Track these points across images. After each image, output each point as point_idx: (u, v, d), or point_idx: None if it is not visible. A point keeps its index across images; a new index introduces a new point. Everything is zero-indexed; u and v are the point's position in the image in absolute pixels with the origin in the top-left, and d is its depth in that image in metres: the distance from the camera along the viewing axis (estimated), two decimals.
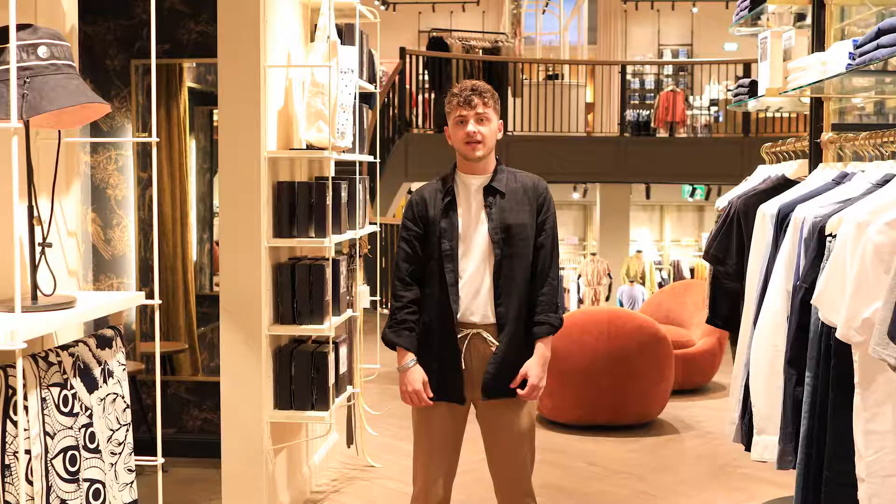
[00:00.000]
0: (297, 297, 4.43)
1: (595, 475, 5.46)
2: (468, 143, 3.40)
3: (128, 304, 2.46)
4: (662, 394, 6.45)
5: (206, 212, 6.54)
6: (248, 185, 4.29)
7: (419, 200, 3.53)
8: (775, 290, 3.06)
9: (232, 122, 4.30)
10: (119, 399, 2.45)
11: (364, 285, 5.35)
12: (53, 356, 2.17)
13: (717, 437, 6.32)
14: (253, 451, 4.36)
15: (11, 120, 1.84)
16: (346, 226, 4.78)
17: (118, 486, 2.43)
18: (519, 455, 3.50)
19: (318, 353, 4.46)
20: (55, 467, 2.14)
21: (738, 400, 3.41)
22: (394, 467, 5.64)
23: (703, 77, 16.45)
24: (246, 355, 4.33)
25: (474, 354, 3.42)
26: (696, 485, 5.33)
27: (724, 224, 3.96)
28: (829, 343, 2.66)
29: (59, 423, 2.16)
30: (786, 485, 5.17)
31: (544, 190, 3.51)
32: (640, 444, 6.14)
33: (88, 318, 2.21)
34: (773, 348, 3.05)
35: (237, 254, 4.32)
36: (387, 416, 6.56)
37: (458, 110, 3.40)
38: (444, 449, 3.53)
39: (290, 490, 4.81)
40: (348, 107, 4.71)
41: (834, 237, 2.73)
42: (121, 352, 2.48)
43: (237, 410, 4.36)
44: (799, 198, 3.21)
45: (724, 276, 4.01)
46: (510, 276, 3.40)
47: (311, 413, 4.46)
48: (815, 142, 3.62)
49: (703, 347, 7.43)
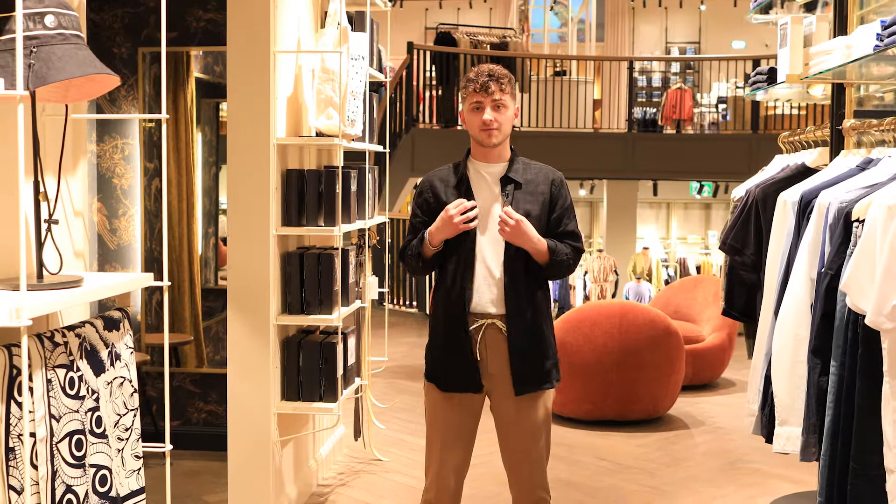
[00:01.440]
0: (306, 286, 4.36)
1: (604, 470, 5.39)
2: (484, 130, 3.33)
3: (136, 286, 2.39)
4: (673, 389, 6.37)
5: (212, 206, 6.48)
6: (257, 172, 4.22)
7: (429, 186, 3.46)
8: (798, 278, 2.99)
9: (241, 108, 4.23)
10: (126, 383, 2.37)
11: (373, 276, 5.28)
12: (59, 336, 2.10)
13: (728, 432, 6.25)
14: (260, 443, 4.29)
15: (18, 88, 1.77)
16: (355, 215, 4.71)
17: (125, 473, 2.36)
18: (535, 448, 3.42)
19: (326, 343, 4.39)
20: (61, 452, 2.07)
21: (759, 391, 3.33)
22: (401, 461, 5.57)
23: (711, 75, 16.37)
24: (253, 345, 4.26)
25: (489, 345, 3.35)
26: (706, 480, 5.25)
27: (742, 213, 3.88)
28: (857, 331, 2.58)
29: (64, 405, 2.09)
30: (799, 480, 5.11)
31: (560, 182, 3.43)
32: (650, 439, 6.06)
33: (95, 297, 2.14)
34: (796, 338, 2.97)
35: (246, 242, 4.25)
36: (394, 410, 6.49)
37: (475, 96, 3.32)
38: (458, 441, 3.45)
39: (297, 483, 4.74)
40: (359, 94, 4.64)
41: (861, 222, 2.65)
42: (128, 334, 2.41)
43: (244, 401, 4.29)
44: (822, 184, 3.14)
45: (742, 266, 3.93)
46: (524, 267, 3.33)
47: (319, 405, 4.39)
48: (836, 129, 3.55)
49: (713, 343, 7.35)
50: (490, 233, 3.34)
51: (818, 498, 2.74)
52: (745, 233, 3.86)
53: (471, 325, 3.34)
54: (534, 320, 3.34)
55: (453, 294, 3.35)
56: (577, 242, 3.39)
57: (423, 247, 3.37)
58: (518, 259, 3.30)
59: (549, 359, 3.39)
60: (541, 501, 3.47)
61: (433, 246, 3.33)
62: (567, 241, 3.36)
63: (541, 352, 3.36)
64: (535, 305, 3.35)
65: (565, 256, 3.32)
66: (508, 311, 3.29)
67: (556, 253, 3.29)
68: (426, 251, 3.37)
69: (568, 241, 3.36)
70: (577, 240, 3.41)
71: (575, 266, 3.41)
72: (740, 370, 8.12)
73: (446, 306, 3.39)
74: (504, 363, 3.34)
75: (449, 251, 3.36)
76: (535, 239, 3.25)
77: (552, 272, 3.35)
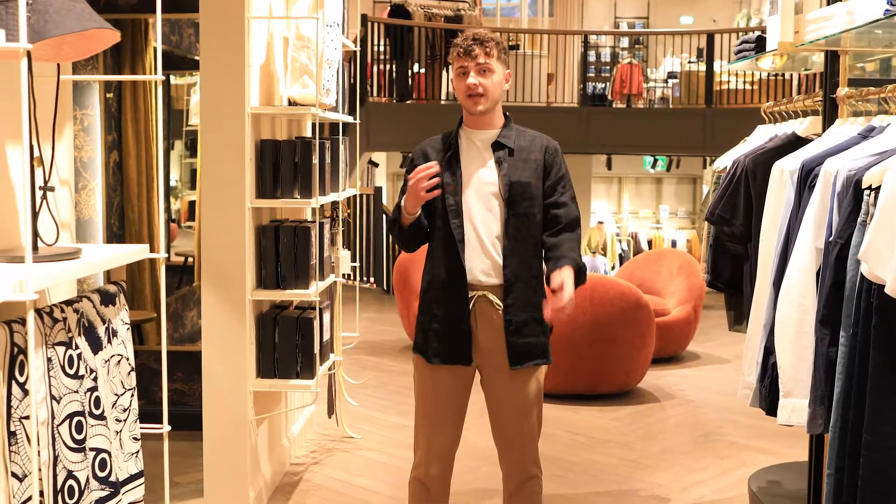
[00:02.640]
0: (282, 260, 4.23)
1: (579, 444, 5.35)
2: (470, 97, 3.22)
3: (134, 258, 2.25)
4: (643, 362, 6.35)
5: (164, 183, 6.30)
6: (232, 143, 4.07)
7: (420, 155, 3.35)
8: (803, 247, 2.93)
9: (215, 76, 4.07)
10: (124, 361, 2.24)
11: (346, 250, 5.15)
12: (58, 312, 1.96)
13: (699, 405, 6.26)
14: (236, 422, 4.17)
15: (20, 40, 1.63)
16: (329, 188, 4.58)
17: (123, 457, 2.23)
18: (527, 424, 3.34)
19: (303, 319, 4.27)
20: (62, 435, 1.94)
21: (757, 363, 3.28)
22: (373, 438, 5.48)
23: (660, 50, 16.37)
24: (229, 321, 4.13)
25: (480, 317, 3.25)
26: (682, 453, 5.23)
27: (731, 184, 3.83)
28: (871, 300, 2.53)
29: (65, 386, 1.96)
30: (775, 452, 5.13)
31: (554, 150, 3.33)
32: (622, 412, 6.04)
33: (96, 270, 2.00)
34: (801, 308, 2.92)
35: (220, 215, 4.10)
36: (364, 387, 6.40)
37: (459, 61, 3.23)
38: (447, 416, 3.36)
39: (272, 462, 4.63)
40: (334, 62, 4.50)
41: (873, 190, 2.60)
42: (124, 309, 2.27)
43: (219, 379, 4.15)
44: (824, 152, 3.08)
45: (729, 237, 3.89)
46: (518, 236, 3.23)
47: (297, 381, 4.27)
48: (830, 97, 3.50)
49: (679, 316, 7.35)
50: (480, 201, 3.23)
51: (827, 470, 2.70)
52: (733, 203, 3.80)
53: (463, 294, 3.24)
54: (530, 291, 3.25)
55: (443, 264, 3.25)
56: (577, 237, 3.28)
57: (400, 215, 3.27)
58: (516, 228, 3.20)
59: (545, 333, 3.30)
60: (532, 478, 3.40)
61: (410, 214, 3.23)
62: (564, 232, 3.24)
63: (537, 324, 3.27)
64: (532, 276, 3.26)
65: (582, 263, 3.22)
66: (506, 282, 3.20)
67: (577, 265, 3.17)
68: (403, 220, 3.26)
69: (565, 231, 3.24)
70: (579, 234, 3.29)
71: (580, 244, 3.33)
72: (704, 343, 8.16)
73: (436, 277, 3.29)
74: (497, 336, 3.25)
75: (438, 220, 3.25)
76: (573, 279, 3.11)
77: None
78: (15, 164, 2.02)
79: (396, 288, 7.95)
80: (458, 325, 3.24)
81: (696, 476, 4.83)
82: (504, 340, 3.23)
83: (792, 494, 4.20)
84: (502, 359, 3.26)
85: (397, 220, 3.28)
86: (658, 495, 4.55)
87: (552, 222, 3.26)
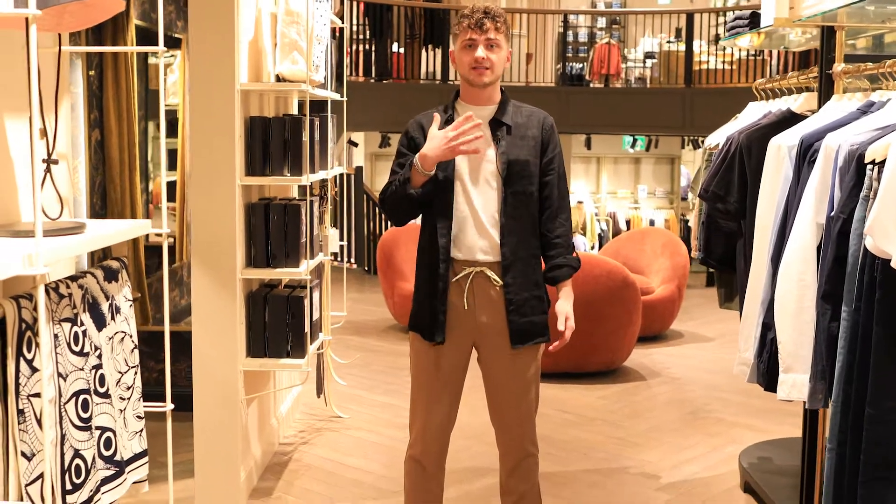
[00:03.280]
0: (272, 238, 4.18)
1: (569, 422, 5.35)
2: (475, 69, 3.17)
3: (137, 233, 2.21)
4: (629, 340, 6.36)
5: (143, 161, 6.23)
6: (222, 119, 4.01)
7: (416, 127, 3.29)
8: (803, 223, 2.93)
9: (203, 53, 4.00)
10: (127, 338, 2.20)
11: (334, 229, 5.11)
12: (64, 288, 1.92)
13: (685, 383, 6.28)
14: (227, 402, 4.13)
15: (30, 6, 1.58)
16: (318, 165, 4.53)
17: (127, 435, 2.19)
18: (525, 402, 3.33)
19: (293, 297, 4.23)
20: (68, 413, 1.90)
21: (755, 339, 3.28)
22: (361, 417, 5.46)
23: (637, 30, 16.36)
24: (219, 300, 4.08)
25: (478, 294, 3.22)
26: (671, 430, 5.25)
27: (725, 160, 3.82)
28: (874, 275, 2.53)
29: (70, 363, 1.92)
30: (763, 429, 5.15)
31: (550, 127, 3.30)
32: (609, 390, 6.05)
33: (100, 245, 1.96)
34: (801, 283, 2.92)
35: (210, 193, 4.05)
36: (350, 367, 6.37)
37: (468, 33, 3.16)
38: (444, 393, 3.33)
39: (261, 442, 4.60)
40: (323, 38, 4.45)
41: (876, 164, 2.60)
42: (127, 286, 2.23)
43: (210, 359, 4.11)
44: (824, 127, 3.07)
45: (723, 213, 3.88)
46: (516, 214, 3.20)
47: (287, 361, 4.23)
48: (826, 73, 3.49)
49: (663, 294, 7.37)
50: (478, 178, 3.20)
51: (828, 444, 2.70)
52: (728, 179, 3.79)
53: (457, 272, 3.21)
54: (529, 270, 3.23)
55: (438, 240, 3.21)
56: (568, 221, 3.30)
57: (412, 173, 3.14)
58: (514, 207, 3.18)
59: (545, 311, 3.29)
60: (529, 457, 3.38)
61: (426, 171, 3.11)
62: (558, 219, 3.26)
63: (537, 302, 3.25)
64: (531, 255, 3.24)
65: (576, 262, 3.30)
66: (504, 260, 3.17)
67: (574, 271, 3.29)
68: (416, 179, 3.14)
69: (559, 219, 3.26)
70: (568, 216, 3.31)
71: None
72: (687, 322, 8.19)
73: (431, 253, 3.25)
74: (497, 314, 3.22)
75: (434, 194, 3.20)
76: (571, 298, 3.29)
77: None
78: (15, 137, 1.98)
79: (380, 268, 7.91)
80: (453, 303, 3.21)
81: (685, 453, 4.85)
82: (504, 319, 3.21)
83: (783, 470, 4.22)
84: (502, 338, 3.24)
85: (408, 179, 3.15)
86: (648, 472, 4.56)
87: (546, 203, 3.25)
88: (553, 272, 3.27)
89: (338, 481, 4.44)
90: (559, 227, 3.27)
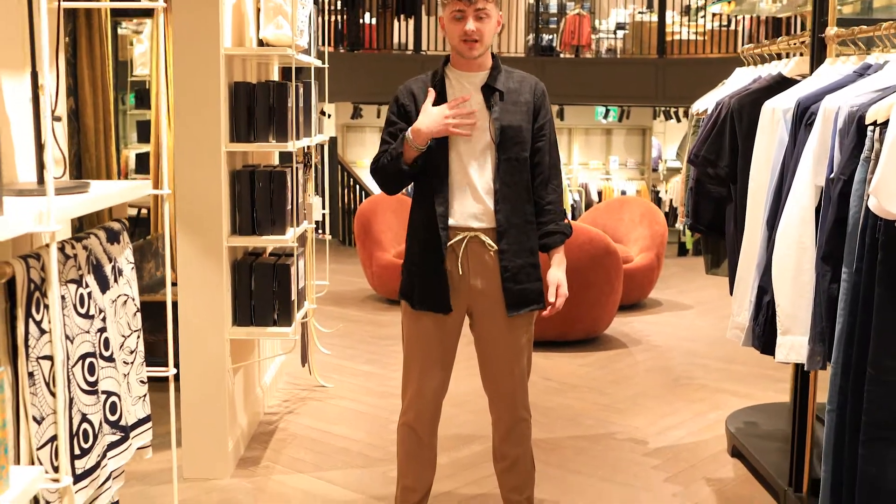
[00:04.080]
0: (258, 206, 4.13)
1: (553, 389, 5.36)
2: (465, 42, 3.12)
3: (138, 193, 2.16)
4: (611, 309, 6.37)
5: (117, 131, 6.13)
6: (207, 85, 3.94)
7: (407, 95, 3.24)
8: (801, 185, 2.92)
9: (187, 17, 3.92)
10: (130, 301, 2.16)
11: (317, 196, 5.06)
12: (69, 248, 1.87)
13: (666, 350, 6.31)
14: (215, 371, 4.09)
15: None
16: (303, 132, 4.48)
17: (131, 400, 2.15)
18: (518, 368, 3.32)
19: (280, 265, 4.19)
20: (75, 377, 1.85)
21: (750, 302, 3.28)
22: (345, 386, 5.44)
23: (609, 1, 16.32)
24: (205, 268, 4.03)
25: (472, 259, 3.20)
26: (655, 397, 5.27)
27: (716, 125, 3.81)
28: (875, 236, 2.53)
29: (77, 326, 1.87)
30: (746, 395, 5.19)
31: (542, 92, 3.27)
32: (591, 358, 6.06)
33: (106, 204, 1.91)
34: (800, 245, 2.91)
35: (194, 160, 3.99)
36: (331, 336, 6.34)
37: (456, 4, 3.08)
38: (437, 359, 3.30)
39: (247, 412, 4.57)
40: (307, 3, 4.38)
41: (878, 125, 2.59)
42: (128, 248, 2.18)
43: (196, 328, 4.06)
44: (821, 90, 3.06)
45: (713, 178, 3.87)
46: (510, 180, 3.17)
47: (274, 329, 4.20)
48: (819, 37, 3.48)
49: (642, 263, 7.39)
50: (471, 145, 3.16)
51: (828, 406, 2.71)
52: (719, 144, 3.78)
53: (451, 238, 3.18)
54: (524, 237, 3.21)
55: (431, 207, 3.17)
56: (559, 187, 3.29)
57: (404, 147, 3.11)
58: (508, 173, 3.15)
59: (539, 278, 3.28)
60: (522, 422, 3.38)
61: (419, 145, 3.09)
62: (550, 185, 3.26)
63: (532, 269, 3.24)
64: (525, 221, 3.22)
65: (567, 228, 3.30)
66: (499, 227, 3.15)
67: (566, 238, 3.31)
68: (408, 154, 3.11)
69: (551, 185, 3.26)
70: (559, 182, 3.30)
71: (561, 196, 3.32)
72: (665, 290, 8.23)
73: (424, 220, 3.22)
74: (492, 280, 3.20)
75: (428, 161, 3.17)
76: (564, 265, 3.32)
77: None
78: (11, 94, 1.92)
79: (358, 238, 7.87)
80: (445, 271, 3.18)
81: (670, 419, 4.87)
82: (499, 285, 3.20)
83: (771, 434, 4.25)
84: (497, 304, 3.22)
85: (401, 153, 3.11)
86: (635, 438, 4.58)
87: (537, 168, 3.23)
88: (544, 239, 3.26)
89: (325, 449, 4.42)
90: (550, 193, 3.25)
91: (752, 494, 3.88)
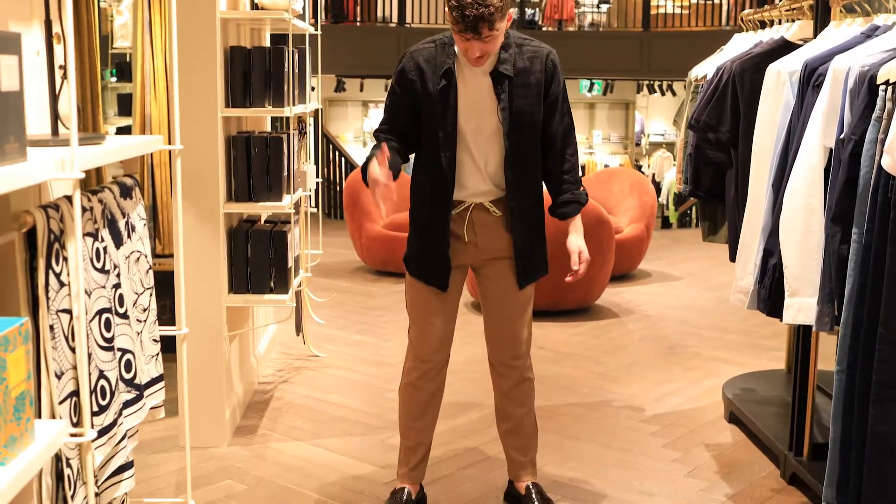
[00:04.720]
0: (254, 172, 4.08)
1: (548, 358, 5.36)
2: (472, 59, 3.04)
3: (152, 147, 2.12)
4: (602, 279, 6.37)
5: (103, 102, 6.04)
6: (202, 49, 3.88)
7: (414, 69, 3.13)
8: (810, 146, 2.91)
9: None
10: (143, 258, 2.12)
11: (311, 164, 5.02)
12: (85, 201, 1.83)
13: (658, 319, 6.32)
14: (212, 338, 4.05)
15: None
16: (297, 98, 4.43)
17: (144, 359, 2.12)
18: (521, 323, 3.32)
19: (276, 232, 4.15)
20: (93, 332, 1.82)
21: (755, 265, 3.27)
22: (338, 356, 5.42)
23: None
24: (202, 235, 3.99)
25: (477, 224, 3.19)
26: (649, 365, 5.28)
27: (717, 90, 3.79)
28: (888, 196, 2.52)
29: (94, 280, 1.84)
30: (739, 362, 5.20)
31: (553, 64, 3.17)
32: (584, 328, 6.06)
33: (121, 156, 1.86)
34: (808, 207, 2.91)
35: (190, 125, 3.92)
36: (323, 307, 6.31)
37: (464, 33, 2.92)
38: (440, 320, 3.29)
39: (242, 381, 4.53)
40: None
41: (890, 85, 2.58)
42: (140, 204, 2.14)
43: (194, 295, 4.02)
44: (830, 51, 3.05)
45: (714, 144, 3.86)
46: (519, 166, 3.14)
47: (270, 296, 4.16)
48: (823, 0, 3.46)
49: (632, 234, 7.38)
50: (482, 131, 3.12)
51: (837, 366, 2.71)
52: (720, 109, 3.77)
53: (457, 207, 3.17)
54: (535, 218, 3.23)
55: (436, 183, 3.15)
56: (574, 156, 3.23)
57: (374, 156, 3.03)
58: (518, 159, 3.12)
59: (545, 248, 3.30)
60: (526, 381, 3.40)
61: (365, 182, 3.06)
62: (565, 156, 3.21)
63: (541, 242, 3.28)
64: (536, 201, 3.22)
65: (583, 197, 3.25)
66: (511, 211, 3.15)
67: (582, 206, 3.25)
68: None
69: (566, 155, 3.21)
70: (574, 151, 3.24)
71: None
72: (654, 261, 8.23)
73: (430, 194, 3.19)
74: (496, 241, 3.20)
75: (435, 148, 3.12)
76: (581, 231, 3.26)
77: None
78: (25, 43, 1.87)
79: (347, 209, 7.82)
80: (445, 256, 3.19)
81: (666, 387, 4.87)
82: (504, 246, 3.20)
83: (768, 400, 4.26)
84: (503, 267, 3.25)
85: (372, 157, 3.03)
86: (633, 405, 4.58)
87: (551, 140, 3.19)
88: (562, 208, 3.23)
89: (322, 418, 4.40)
90: (565, 162, 3.22)
91: (751, 459, 3.89)
